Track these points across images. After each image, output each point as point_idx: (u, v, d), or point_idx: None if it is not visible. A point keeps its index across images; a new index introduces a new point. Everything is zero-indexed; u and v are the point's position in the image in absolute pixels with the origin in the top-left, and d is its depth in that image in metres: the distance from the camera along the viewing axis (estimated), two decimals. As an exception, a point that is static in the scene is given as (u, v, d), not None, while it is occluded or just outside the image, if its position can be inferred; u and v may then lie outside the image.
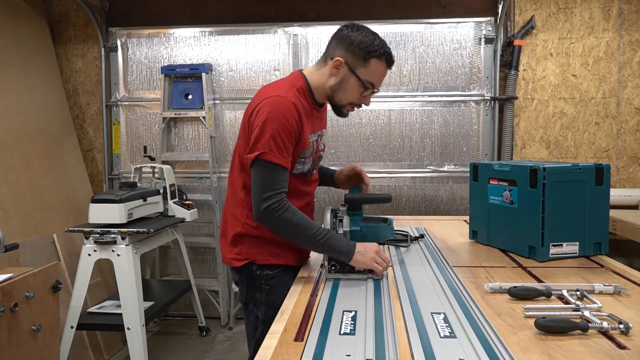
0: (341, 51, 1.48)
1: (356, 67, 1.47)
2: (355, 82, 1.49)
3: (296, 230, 1.43)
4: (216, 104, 3.71)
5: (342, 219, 1.54)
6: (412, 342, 0.99)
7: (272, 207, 1.40)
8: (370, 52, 1.46)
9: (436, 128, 3.59)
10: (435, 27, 3.54)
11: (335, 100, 1.54)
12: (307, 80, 1.54)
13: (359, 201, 1.55)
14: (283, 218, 1.41)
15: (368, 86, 1.50)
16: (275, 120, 1.40)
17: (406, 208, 3.63)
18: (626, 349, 0.96)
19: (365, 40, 1.45)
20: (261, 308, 1.61)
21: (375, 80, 1.51)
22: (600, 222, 1.69)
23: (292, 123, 1.42)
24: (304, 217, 1.44)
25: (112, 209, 2.65)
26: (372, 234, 1.54)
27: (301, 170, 1.55)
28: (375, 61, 1.47)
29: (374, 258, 1.42)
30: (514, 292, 1.25)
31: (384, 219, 1.58)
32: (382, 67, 1.50)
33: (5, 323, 1.77)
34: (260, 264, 1.57)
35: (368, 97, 1.54)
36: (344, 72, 1.48)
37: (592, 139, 3.52)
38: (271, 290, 1.57)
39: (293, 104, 1.43)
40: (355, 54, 1.46)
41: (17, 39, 3.33)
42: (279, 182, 1.42)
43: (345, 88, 1.50)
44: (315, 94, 1.55)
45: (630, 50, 3.45)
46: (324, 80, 1.52)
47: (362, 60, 1.47)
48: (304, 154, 1.52)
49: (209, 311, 3.67)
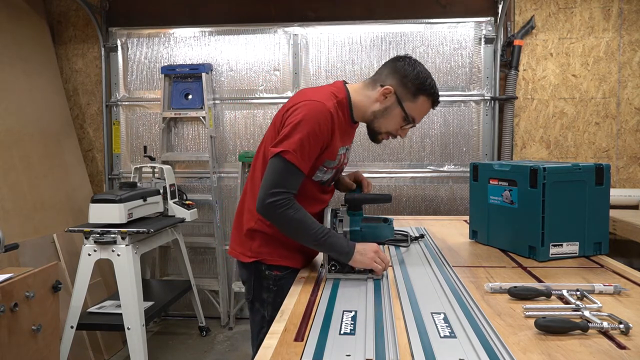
0: (393, 81, 1.51)
1: (404, 100, 1.50)
2: (399, 113, 1.52)
3: (297, 227, 1.44)
4: (216, 104, 3.71)
5: (342, 219, 1.54)
6: (412, 342, 0.99)
7: (277, 202, 1.41)
8: (421, 89, 1.49)
9: (436, 128, 3.59)
10: (435, 27, 3.54)
11: (375, 125, 1.56)
12: (350, 95, 1.55)
13: (359, 201, 1.56)
14: (285, 214, 1.42)
15: (410, 120, 1.54)
16: (308, 123, 1.41)
17: (406, 208, 3.63)
18: (626, 349, 0.96)
19: (419, 77, 1.49)
20: (268, 308, 1.61)
21: (418, 116, 1.55)
22: (600, 222, 1.69)
23: (324, 131, 1.44)
24: (306, 215, 1.45)
25: (112, 209, 2.65)
26: (372, 234, 1.55)
27: (320, 178, 1.57)
28: (424, 99, 1.51)
29: (373, 258, 1.43)
30: (514, 292, 1.25)
31: (384, 219, 1.58)
32: (428, 105, 1.54)
33: (5, 323, 1.77)
34: (269, 264, 1.58)
35: (406, 130, 1.57)
36: (390, 102, 1.51)
37: (592, 139, 3.52)
38: (279, 292, 1.58)
39: (330, 113, 1.44)
40: (407, 87, 1.49)
41: (17, 39, 3.33)
42: (291, 183, 1.43)
43: (388, 117, 1.53)
44: (355, 112, 1.56)
45: (630, 50, 3.45)
46: (367, 103, 1.54)
47: (412, 95, 1.50)
48: (329, 164, 1.54)
49: (209, 311, 3.67)
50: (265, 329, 1.58)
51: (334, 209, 1.57)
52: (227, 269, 3.71)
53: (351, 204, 1.55)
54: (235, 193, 3.68)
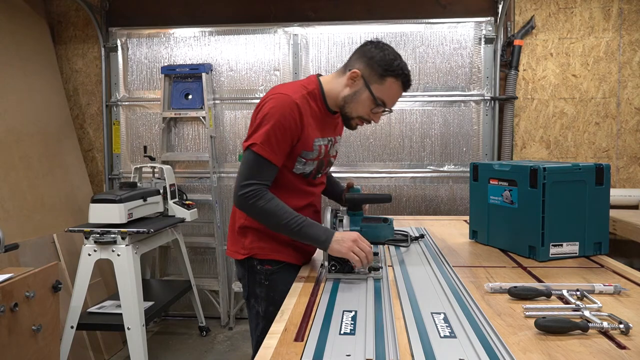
0: (360, 64, 1.51)
1: (371, 82, 1.50)
2: (367, 97, 1.51)
3: (269, 217, 1.46)
4: (216, 104, 3.71)
5: (342, 218, 1.55)
6: (412, 342, 0.99)
7: (248, 194, 1.45)
8: (388, 71, 1.48)
9: (436, 128, 3.59)
10: (435, 27, 3.54)
11: (346, 111, 1.56)
12: (322, 85, 1.57)
13: (359, 201, 1.56)
14: (256, 205, 1.45)
15: (379, 103, 1.52)
16: (274, 116, 1.44)
17: (406, 208, 3.63)
18: (626, 349, 0.96)
19: (386, 59, 1.48)
20: (262, 304, 1.62)
21: (388, 99, 1.53)
22: (600, 222, 1.69)
23: (290, 122, 1.45)
24: (278, 206, 1.46)
25: (112, 209, 2.65)
26: (372, 234, 1.55)
27: (302, 170, 1.57)
28: (391, 80, 1.50)
29: (350, 247, 1.40)
30: (514, 292, 1.25)
31: (384, 219, 1.58)
32: (397, 87, 1.52)
33: (5, 323, 1.77)
34: (261, 259, 1.60)
35: (378, 114, 1.56)
36: (359, 85, 1.51)
37: (592, 139, 3.52)
38: (271, 286, 1.59)
39: (296, 104, 1.46)
40: (374, 69, 1.49)
41: (17, 39, 3.33)
42: (262, 174, 1.46)
43: (357, 101, 1.52)
44: (328, 101, 1.57)
45: (630, 50, 3.45)
46: (339, 89, 1.54)
47: (379, 76, 1.49)
48: (306, 155, 1.54)
49: (209, 311, 3.67)
50: (260, 324, 1.61)
51: (334, 209, 1.57)
52: (227, 269, 3.71)
53: (351, 204, 1.56)
54: (235, 193, 3.68)
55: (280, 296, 1.48)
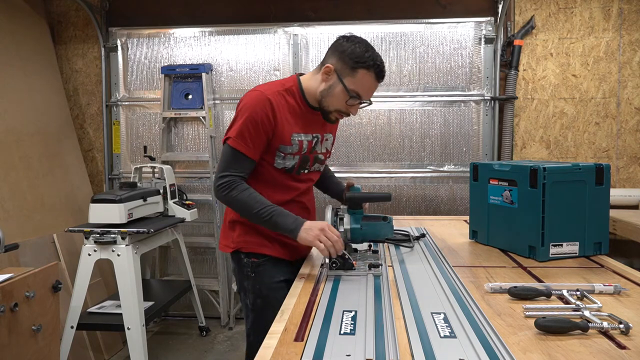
0: (333, 59, 1.55)
1: (344, 76, 1.53)
2: (341, 90, 1.54)
3: (240, 207, 1.54)
4: (216, 104, 3.71)
5: (342, 217, 1.58)
6: (412, 342, 0.99)
7: (222, 185, 1.53)
8: (359, 63, 1.51)
9: (436, 128, 3.59)
10: (435, 27, 3.54)
11: (323, 105, 1.60)
12: (300, 82, 1.63)
13: (359, 200, 1.59)
14: (229, 195, 1.53)
15: (353, 95, 1.54)
16: (247, 111, 1.53)
17: (406, 208, 3.63)
18: (626, 349, 0.96)
19: (356, 51, 1.51)
20: (249, 296, 1.67)
21: (362, 90, 1.55)
22: (600, 222, 1.69)
23: (262, 117, 1.52)
24: (252, 196, 1.52)
25: (112, 209, 2.65)
26: (372, 232, 1.59)
27: (283, 165, 1.62)
28: (363, 72, 1.52)
29: (317, 236, 1.45)
30: (514, 292, 1.25)
31: (384, 217, 1.61)
32: (370, 78, 1.54)
33: (5, 323, 1.77)
34: (247, 252, 1.66)
35: (355, 107, 1.59)
36: (333, 79, 1.55)
37: (592, 139, 3.52)
38: (257, 278, 1.65)
39: (268, 100, 1.53)
40: (345, 62, 1.52)
41: (17, 39, 3.33)
42: (236, 166, 1.54)
43: (332, 94, 1.56)
44: (308, 97, 1.62)
45: (630, 50, 3.45)
46: (316, 85, 1.59)
47: (350, 69, 1.52)
48: (284, 149, 1.59)
49: (209, 311, 3.67)
50: (250, 317, 1.66)
51: (335, 208, 1.61)
52: (227, 269, 3.71)
53: (351, 203, 1.59)
54: (235, 193, 3.68)
55: (267, 289, 1.62)
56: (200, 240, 3.73)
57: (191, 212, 3.25)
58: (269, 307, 1.55)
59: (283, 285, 1.63)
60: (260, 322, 1.64)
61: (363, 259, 1.63)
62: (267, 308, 1.60)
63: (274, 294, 1.61)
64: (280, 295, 1.56)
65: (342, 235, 1.54)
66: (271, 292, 1.64)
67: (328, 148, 1.77)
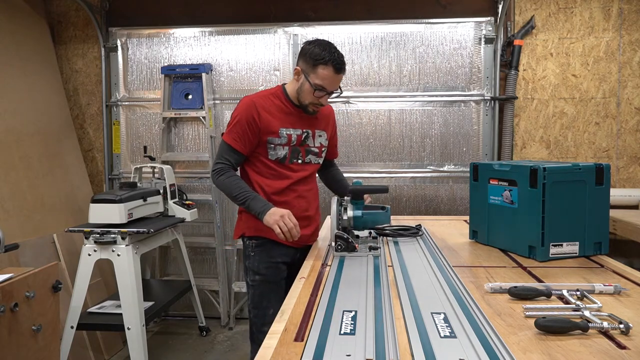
0: (300, 62, 1.84)
1: (309, 74, 1.81)
2: (308, 86, 1.82)
3: (226, 189, 1.84)
4: (216, 104, 3.71)
5: (346, 207, 1.83)
6: (412, 342, 0.99)
7: (215, 170, 1.86)
8: (317, 60, 1.78)
9: (436, 128, 3.59)
10: (435, 27, 3.54)
11: (300, 100, 1.88)
12: (284, 87, 1.92)
13: (360, 191, 1.86)
14: (219, 180, 1.85)
15: (317, 88, 1.81)
16: (236, 112, 1.85)
17: (406, 208, 3.63)
18: (626, 349, 0.96)
19: (315, 51, 1.79)
20: (249, 274, 1.94)
21: (325, 83, 1.80)
22: (600, 222, 1.69)
23: (248, 116, 1.82)
24: (235, 182, 1.83)
25: (112, 209, 2.65)
26: (372, 219, 1.86)
27: (276, 156, 1.87)
28: (322, 67, 1.78)
29: (277, 220, 1.72)
30: (514, 292, 1.25)
31: (382, 207, 1.89)
32: (329, 72, 1.79)
33: (5, 323, 1.77)
34: (249, 235, 1.92)
35: (324, 97, 1.85)
36: (302, 78, 1.84)
37: (592, 139, 3.52)
38: (256, 257, 1.91)
39: (253, 102, 1.84)
40: (307, 62, 1.81)
41: (17, 39, 3.33)
42: (227, 156, 1.85)
43: (303, 91, 1.84)
44: (291, 98, 1.90)
45: (630, 50, 3.45)
46: (293, 87, 1.89)
47: (312, 67, 1.80)
48: (273, 141, 1.85)
49: (209, 311, 3.67)
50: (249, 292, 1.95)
51: (339, 199, 1.86)
52: (227, 269, 3.71)
53: (354, 194, 1.85)
54: (235, 193, 3.68)
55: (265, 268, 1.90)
56: (200, 240, 3.73)
57: (191, 212, 3.25)
58: (265, 283, 1.90)
59: (281, 266, 1.93)
60: (257, 297, 1.91)
61: (364, 243, 1.84)
62: (263, 284, 1.90)
63: (271, 272, 1.90)
64: (277, 274, 1.92)
65: (346, 223, 1.82)
66: (268, 270, 1.90)
67: (322, 143, 1.99)
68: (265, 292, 1.91)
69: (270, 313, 1.84)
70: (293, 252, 1.94)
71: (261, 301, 1.90)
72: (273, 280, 1.91)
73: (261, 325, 1.87)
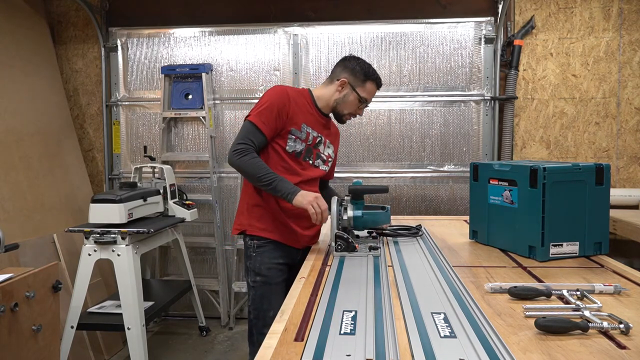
0: (346, 74, 1.95)
1: (356, 86, 1.95)
2: (354, 98, 1.96)
3: (249, 170, 1.79)
4: (216, 104, 3.71)
5: (346, 206, 1.83)
6: (412, 342, 0.99)
7: (238, 151, 1.80)
8: (368, 76, 1.95)
9: (436, 128, 3.59)
10: (435, 27, 3.55)
11: (338, 110, 1.99)
12: (312, 92, 1.99)
13: (361, 191, 1.87)
14: (242, 160, 1.79)
15: (363, 101, 1.97)
16: (267, 97, 1.86)
17: (406, 208, 3.63)
18: (626, 349, 0.96)
19: (364, 68, 1.95)
20: (250, 274, 1.94)
21: (369, 97, 1.98)
22: (600, 222, 1.69)
23: (280, 102, 1.84)
24: (259, 163, 1.79)
25: (112, 209, 2.65)
26: (372, 219, 1.87)
27: (294, 148, 1.89)
28: (370, 83, 1.96)
29: (311, 201, 1.74)
30: (514, 292, 1.25)
31: (382, 207, 1.91)
32: (374, 87, 1.99)
33: (5, 323, 1.77)
34: (251, 235, 1.93)
35: (362, 109, 2.02)
36: (347, 90, 1.95)
37: (592, 139, 3.52)
38: (257, 258, 1.92)
39: (286, 90, 1.89)
40: (357, 76, 1.95)
41: (17, 39, 3.33)
42: (251, 137, 1.82)
43: (347, 102, 1.97)
44: (318, 103, 1.98)
45: (630, 50, 3.45)
46: (328, 95, 1.98)
47: (362, 81, 1.95)
48: (295, 133, 1.88)
49: (209, 311, 3.67)
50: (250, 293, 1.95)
51: (339, 199, 1.85)
52: (227, 269, 3.71)
53: (354, 194, 1.85)
54: (235, 193, 3.69)
55: (266, 269, 1.90)
56: (200, 240, 3.73)
57: (191, 212, 3.25)
58: (266, 285, 1.91)
59: (282, 267, 1.93)
60: (257, 298, 1.92)
61: (364, 243, 1.85)
62: (264, 285, 1.91)
63: (272, 274, 1.91)
64: (278, 276, 1.93)
65: (346, 223, 1.82)
66: (270, 271, 1.91)
67: (330, 154, 2.06)
68: (266, 293, 1.91)
69: (270, 315, 1.84)
70: (295, 253, 1.96)
71: (262, 303, 1.91)
72: (274, 282, 1.92)
73: (261, 327, 1.87)
